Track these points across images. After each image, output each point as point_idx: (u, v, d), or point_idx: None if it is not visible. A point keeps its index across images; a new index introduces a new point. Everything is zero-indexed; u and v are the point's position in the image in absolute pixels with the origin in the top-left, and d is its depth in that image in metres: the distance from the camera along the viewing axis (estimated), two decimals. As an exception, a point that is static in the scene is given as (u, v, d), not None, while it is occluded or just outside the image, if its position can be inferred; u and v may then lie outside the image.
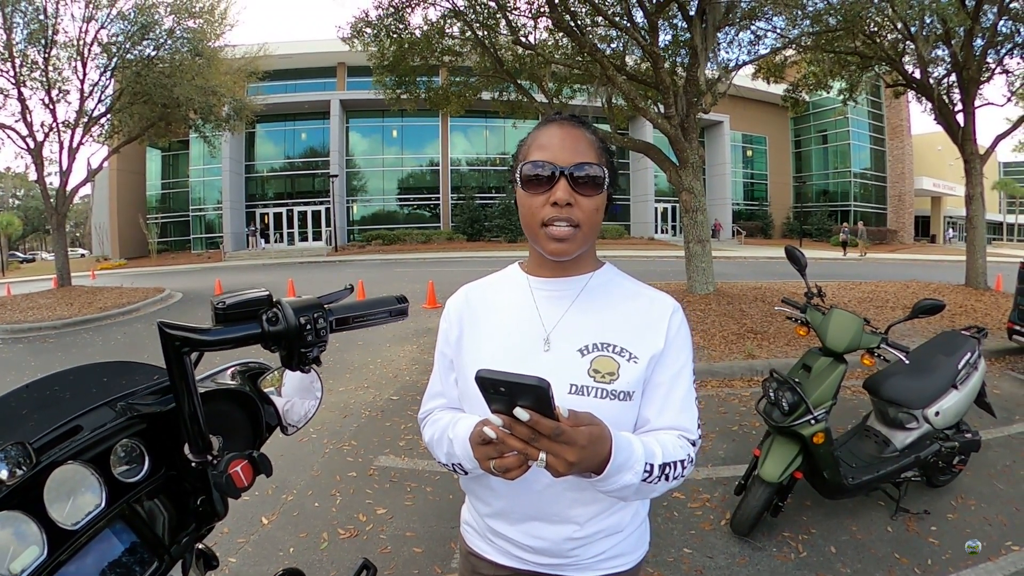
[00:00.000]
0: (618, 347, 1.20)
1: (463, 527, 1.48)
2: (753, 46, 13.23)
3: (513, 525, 1.29)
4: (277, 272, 22.37)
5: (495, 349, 1.26)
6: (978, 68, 12.09)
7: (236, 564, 3.22)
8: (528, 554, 1.30)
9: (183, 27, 16.24)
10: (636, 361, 1.20)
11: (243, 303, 0.90)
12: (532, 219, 1.18)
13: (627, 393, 1.18)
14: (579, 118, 1.24)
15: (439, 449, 1.28)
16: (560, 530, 1.25)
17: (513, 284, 1.35)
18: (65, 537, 0.86)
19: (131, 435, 1.02)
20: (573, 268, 1.28)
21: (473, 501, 1.39)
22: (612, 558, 1.31)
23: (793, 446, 3.22)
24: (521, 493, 1.23)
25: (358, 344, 8.65)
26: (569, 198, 1.13)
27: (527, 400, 0.86)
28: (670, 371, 1.23)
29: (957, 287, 12.84)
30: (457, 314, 1.35)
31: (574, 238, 1.16)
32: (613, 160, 1.25)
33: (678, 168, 10.82)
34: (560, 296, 1.27)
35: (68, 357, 9.13)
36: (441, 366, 1.39)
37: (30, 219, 60.09)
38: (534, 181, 1.16)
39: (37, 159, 15.97)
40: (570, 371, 1.18)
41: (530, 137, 1.24)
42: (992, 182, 50.33)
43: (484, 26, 11.93)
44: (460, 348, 1.32)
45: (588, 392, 1.17)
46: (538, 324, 1.25)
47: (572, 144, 1.16)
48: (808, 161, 46.55)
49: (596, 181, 1.16)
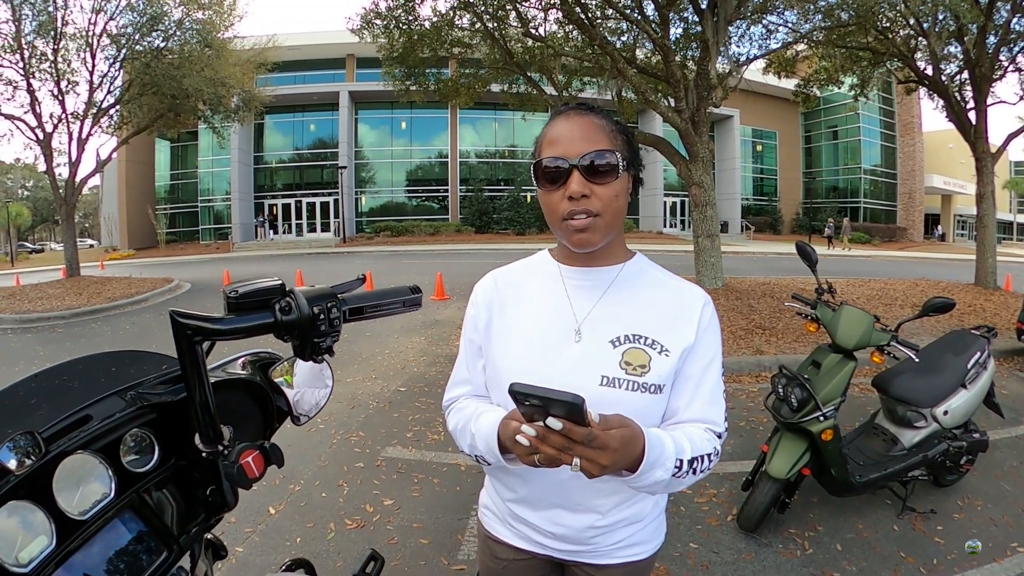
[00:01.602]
0: (650, 339, 1.20)
1: (482, 511, 1.49)
2: (764, 40, 13.19)
3: (536, 511, 1.30)
4: (285, 263, 22.40)
5: (525, 338, 1.26)
6: (991, 66, 11.99)
7: (244, 554, 3.23)
8: (548, 540, 1.32)
9: (192, 18, 16.25)
10: (668, 354, 1.19)
11: (256, 292, 0.89)
12: (553, 215, 1.18)
13: (658, 386, 1.18)
14: (588, 105, 1.23)
15: (462, 440, 1.28)
16: (583, 518, 1.26)
17: (544, 272, 1.34)
18: (74, 527, 0.86)
19: (141, 425, 1.01)
20: (604, 258, 1.27)
21: (496, 486, 1.40)
22: (630, 547, 1.33)
23: (801, 443, 3.21)
24: (547, 482, 1.25)
25: (366, 335, 8.67)
26: (584, 189, 1.12)
27: (560, 412, 0.86)
28: (700, 364, 1.23)
29: (966, 286, 12.76)
30: (486, 300, 1.35)
31: (595, 227, 1.15)
32: (632, 140, 1.23)
33: (688, 162, 10.78)
34: (592, 286, 1.27)
35: (77, 347, 9.18)
36: (468, 352, 1.38)
37: (39, 210, 60.35)
38: (549, 177, 1.15)
39: (46, 150, 16.02)
40: (601, 362, 1.18)
41: (542, 133, 1.23)
42: (1003, 181, 49.98)
43: (494, 18, 11.88)
44: (489, 335, 1.32)
45: (619, 384, 1.17)
46: (569, 314, 1.24)
47: (581, 134, 1.15)
48: (818, 157, 46.27)
49: (610, 168, 1.14)
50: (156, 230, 34.93)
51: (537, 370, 1.20)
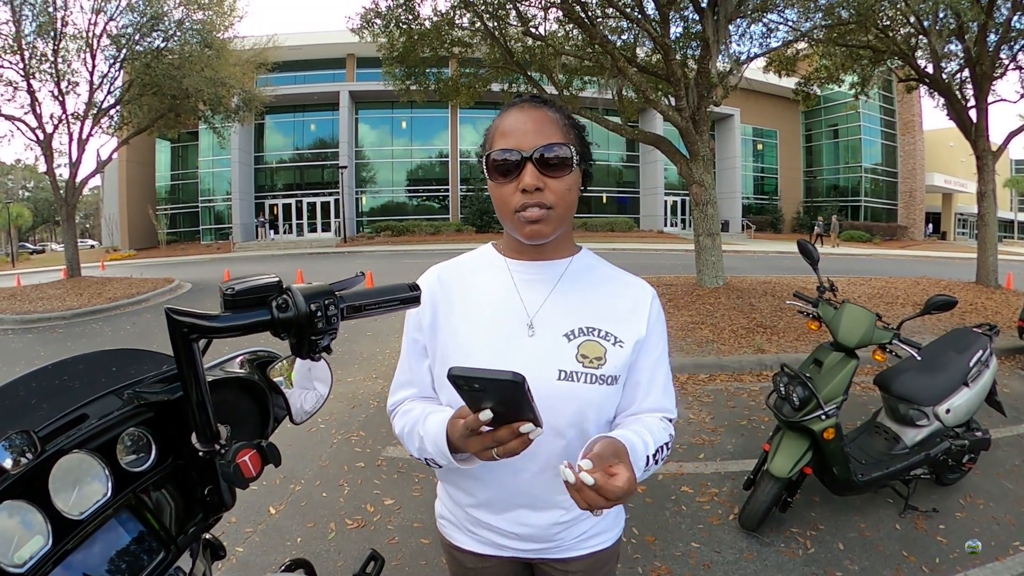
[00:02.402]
0: (603, 331, 1.21)
1: (439, 522, 1.46)
2: (765, 39, 13.19)
3: (499, 514, 1.28)
4: (286, 263, 22.42)
5: (476, 334, 1.23)
6: (991, 64, 11.98)
7: (244, 554, 3.23)
8: (513, 541, 1.30)
9: (192, 18, 16.25)
10: (622, 345, 1.21)
11: (252, 289, 0.88)
12: (505, 207, 1.17)
13: (614, 377, 1.20)
14: (540, 98, 1.22)
15: (410, 444, 1.25)
16: (547, 516, 1.26)
17: (490, 266, 1.32)
18: (70, 527, 0.85)
19: (138, 424, 1.01)
20: (552, 252, 1.27)
21: (453, 492, 1.37)
22: (593, 536, 1.33)
23: (803, 441, 3.20)
24: (508, 482, 1.23)
25: (367, 334, 8.66)
26: (538, 182, 1.12)
27: (503, 394, 0.86)
28: (652, 355, 1.26)
29: (968, 284, 12.75)
30: (430, 297, 1.30)
31: (548, 219, 1.15)
32: (583, 134, 1.23)
33: (688, 161, 10.78)
34: (541, 280, 1.26)
35: (77, 347, 9.17)
36: (411, 352, 1.35)
37: (40, 210, 60.31)
38: (501, 169, 1.14)
39: (47, 151, 16.04)
40: (557, 357, 1.18)
41: (493, 125, 1.22)
42: (1004, 179, 49.90)
43: (494, 17, 11.88)
44: (435, 333, 1.29)
45: (577, 378, 1.17)
46: (520, 309, 1.23)
47: (535, 126, 1.14)
48: (819, 155, 46.24)
49: (564, 161, 1.13)
50: (157, 230, 34.93)
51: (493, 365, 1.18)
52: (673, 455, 4.43)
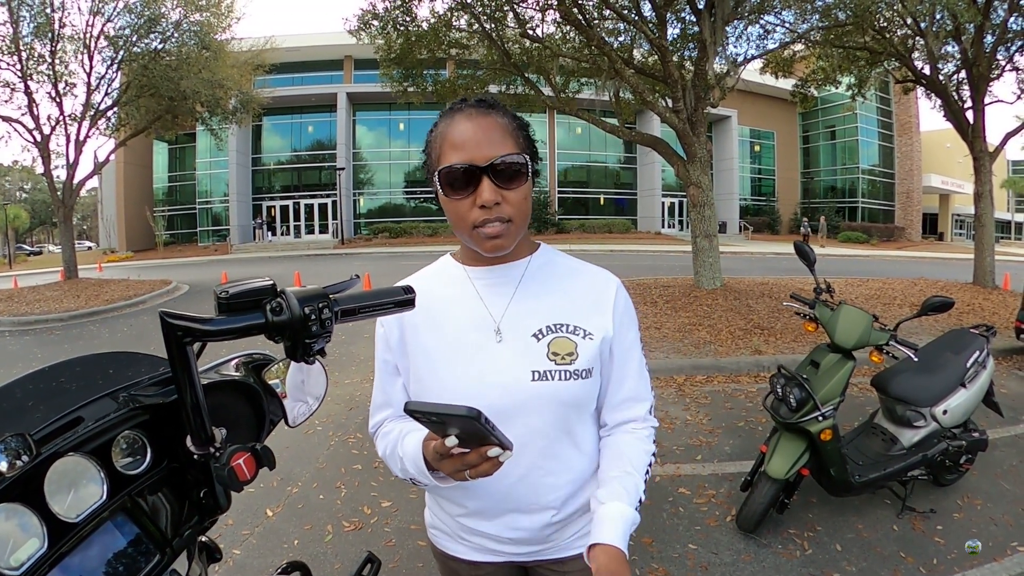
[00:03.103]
0: (571, 326, 1.21)
1: (430, 532, 1.45)
2: (762, 40, 13.19)
3: (490, 521, 1.27)
4: (284, 264, 22.38)
5: (445, 348, 1.22)
6: (988, 65, 12.01)
7: (240, 556, 3.22)
8: (507, 546, 1.29)
9: (190, 20, 16.24)
10: (591, 338, 1.21)
11: (247, 292, 0.88)
12: (462, 223, 1.13)
13: (587, 371, 1.20)
14: (486, 101, 1.17)
15: (393, 465, 1.24)
16: (538, 518, 1.25)
17: (450, 278, 1.30)
18: (66, 529, 0.85)
19: (133, 427, 1.01)
20: (510, 255, 1.24)
21: (443, 503, 1.35)
22: (587, 534, 1.27)
23: (800, 443, 3.20)
24: (496, 490, 1.22)
25: (364, 336, 8.65)
26: (496, 197, 1.08)
27: (463, 426, 0.86)
28: (623, 344, 1.26)
29: (965, 285, 12.77)
30: (394, 317, 1.28)
31: (508, 233, 1.12)
32: (529, 133, 1.19)
33: (686, 162, 10.78)
34: (502, 283, 1.25)
35: (75, 349, 9.16)
36: (384, 373, 1.33)
37: (37, 212, 60.23)
38: (455, 185, 1.10)
39: (44, 152, 16.01)
40: (529, 358, 1.18)
41: (439, 132, 1.15)
42: (1001, 180, 50.00)
43: (491, 19, 11.88)
44: (404, 351, 1.28)
45: (552, 376, 1.17)
46: (486, 315, 1.22)
47: (486, 135, 1.09)
48: (816, 157, 46.27)
49: (519, 171, 1.10)
50: (154, 232, 34.88)
51: (464, 377, 1.19)
52: (670, 456, 4.44)
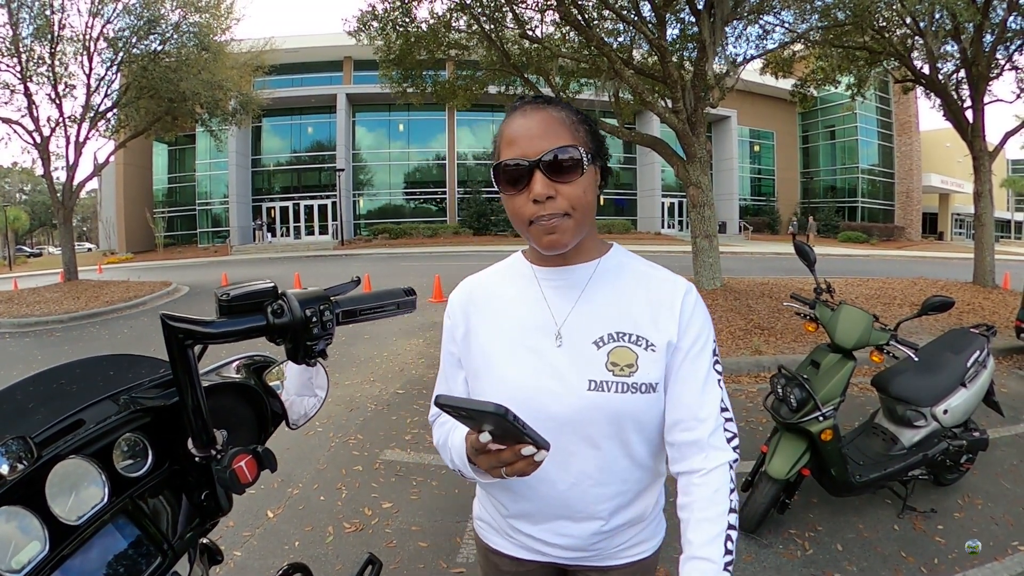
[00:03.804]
0: (634, 336, 1.14)
1: (477, 524, 1.44)
2: (761, 40, 13.20)
3: (537, 524, 1.26)
4: (283, 266, 22.38)
5: (505, 346, 1.20)
6: (987, 64, 12.01)
7: (241, 558, 3.22)
8: (552, 549, 1.27)
9: (189, 21, 16.25)
10: (653, 349, 1.13)
11: (248, 295, 0.88)
12: (519, 219, 1.11)
13: (649, 385, 1.12)
14: (545, 98, 1.15)
15: (444, 455, 1.24)
16: (586, 527, 1.22)
17: (518, 275, 1.27)
18: (67, 532, 0.85)
19: (134, 429, 1.01)
20: (578, 256, 1.20)
21: (492, 500, 1.34)
22: (634, 546, 1.29)
23: (801, 443, 3.20)
24: (544, 495, 1.20)
25: (364, 338, 8.66)
26: (548, 191, 1.06)
27: (493, 422, 0.85)
28: (686, 353, 1.15)
29: (965, 285, 12.77)
30: (461, 310, 1.29)
31: (565, 228, 1.09)
32: (595, 128, 1.16)
33: (685, 163, 10.78)
34: (568, 286, 1.20)
35: (75, 351, 9.16)
36: (448, 365, 1.33)
37: (37, 214, 60.19)
38: (510, 180, 1.08)
39: (44, 154, 16.01)
40: (587, 366, 1.13)
41: (499, 132, 1.15)
42: (1000, 179, 49.99)
43: (491, 19, 11.88)
44: (468, 346, 1.26)
45: (608, 387, 1.11)
46: (548, 317, 1.18)
47: (540, 130, 1.07)
48: (816, 157, 46.27)
49: (574, 163, 1.07)
50: (154, 233, 34.87)
51: (522, 379, 1.17)
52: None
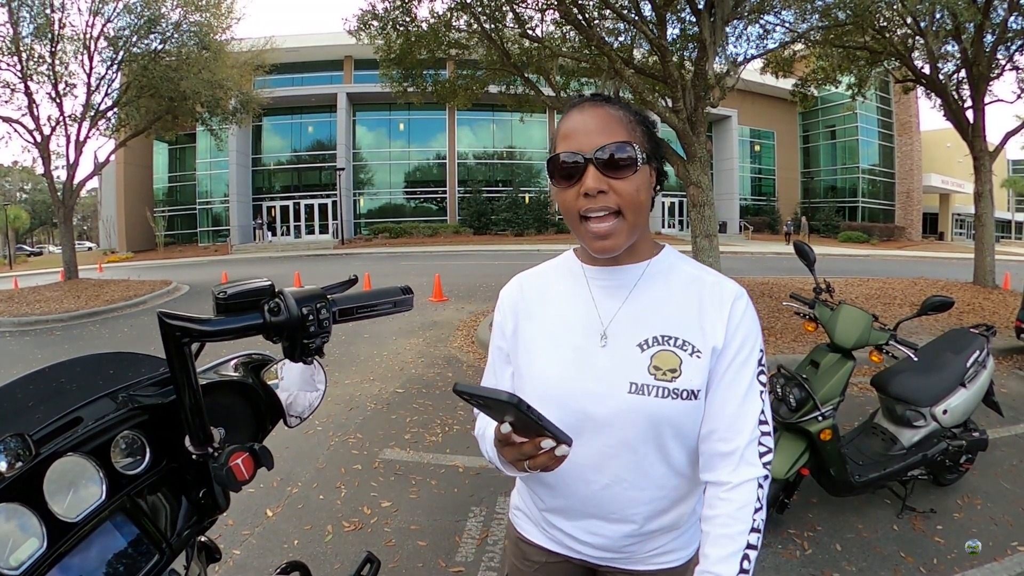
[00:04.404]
0: (680, 340, 1.13)
1: (513, 512, 1.45)
2: (762, 40, 13.16)
3: (571, 521, 1.27)
4: (284, 265, 22.38)
5: (551, 345, 1.21)
6: (988, 64, 12.01)
7: (240, 556, 3.22)
8: (583, 547, 1.28)
9: (190, 20, 16.24)
10: (699, 356, 1.12)
11: (245, 293, 0.88)
12: (570, 214, 1.11)
13: (691, 392, 1.11)
14: (603, 96, 1.15)
15: (482, 445, 1.27)
16: (619, 528, 1.22)
17: (569, 273, 1.28)
18: (65, 529, 0.85)
19: (132, 427, 1.01)
20: (629, 256, 1.20)
21: (530, 494, 1.36)
22: (666, 553, 1.28)
23: (800, 442, 3.20)
24: (579, 493, 1.20)
25: (364, 337, 8.66)
26: (600, 185, 1.05)
27: (511, 415, 0.85)
28: (730, 360, 1.13)
29: (965, 285, 12.77)
30: (512, 306, 1.30)
31: (618, 231, 1.08)
32: (653, 129, 1.17)
33: (685, 162, 10.76)
34: (617, 286, 1.20)
35: (75, 349, 9.16)
36: (496, 359, 1.34)
37: (37, 213, 60.25)
38: (563, 173, 1.09)
39: (44, 153, 16.01)
40: (629, 368, 1.12)
41: (557, 128, 1.15)
42: (1001, 180, 49.97)
43: (491, 19, 11.87)
44: (516, 341, 1.28)
45: (649, 391, 1.10)
46: (595, 317, 1.18)
47: (596, 126, 1.08)
48: (816, 156, 46.27)
49: (628, 160, 1.06)
50: (154, 232, 34.87)
51: (563, 378, 1.17)
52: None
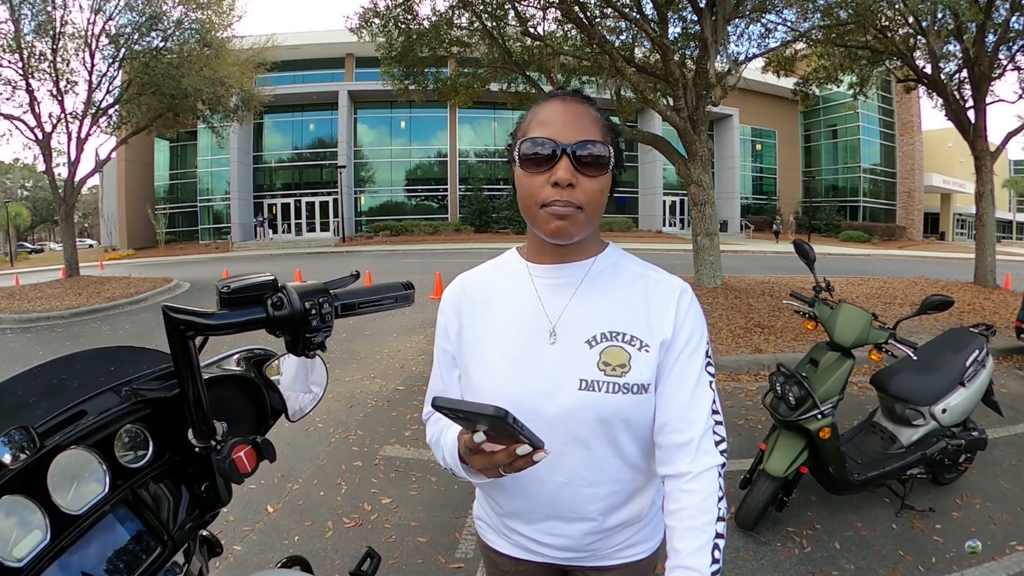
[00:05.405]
0: (628, 335, 1.13)
1: (476, 523, 1.44)
2: (763, 39, 13.18)
3: (530, 524, 1.25)
4: (285, 262, 22.39)
5: (498, 345, 1.19)
6: (990, 64, 11.99)
7: (241, 551, 3.23)
8: (547, 549, 1.27)
9: (191, 18, 16.24)
10: (648, 350, 1.12)
11: (248, 287, 0.89)
12: (531, 200, 1.09)
13: (641, 386, 1.11)
14: (584, 94, 1.14)
15: (437, 453, 1.24)
16: (579, 527, 1.21)
17: (513, 273, 1.26)
18: (68, 522, 0.86)
19: (135, 420, 1.01)
20: (575, 253, 1.19)
21: (488, 500, 1.34)
22: (631, 547, 1.28)
23: (799, 441, 3.20)
24: (535, 494, 1.19)
25: (365, 334, 8.67)
26: (571, 178, 1.04)
27: (491, 424, 0.84)
28: (678, 353, 1.14)
29: (965, 285, 12.76)
30: (455, 307, 1.27)
31: (576, 219, 1.07)
32: (619, 140, 1.16)
33: (687, 161, 10.78)
34: (563, 284, 1.19)
35: (76, 346, 9.15)
36: (441, 362, 1.31)
37: (39, 210, 60.27)
38: (533, 159, 1.06)
39: (45, 150, 16.03)
40: (579, 365, 1.12)
41: (531, 113, 1.14)
42: (1002, 180, 49.93)
43: (493, 17, 11.87)
44: (461, 343, 1.25)
45: (599, 387, 1.10)
46: (542, 315, 1.17)
47: (575, 120, 1.07)
48: (817, 156, 46.24)
49: (600, 161, 1.06)
50: (155, 230, 34.87)
51: (512, 378, 1.15)
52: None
